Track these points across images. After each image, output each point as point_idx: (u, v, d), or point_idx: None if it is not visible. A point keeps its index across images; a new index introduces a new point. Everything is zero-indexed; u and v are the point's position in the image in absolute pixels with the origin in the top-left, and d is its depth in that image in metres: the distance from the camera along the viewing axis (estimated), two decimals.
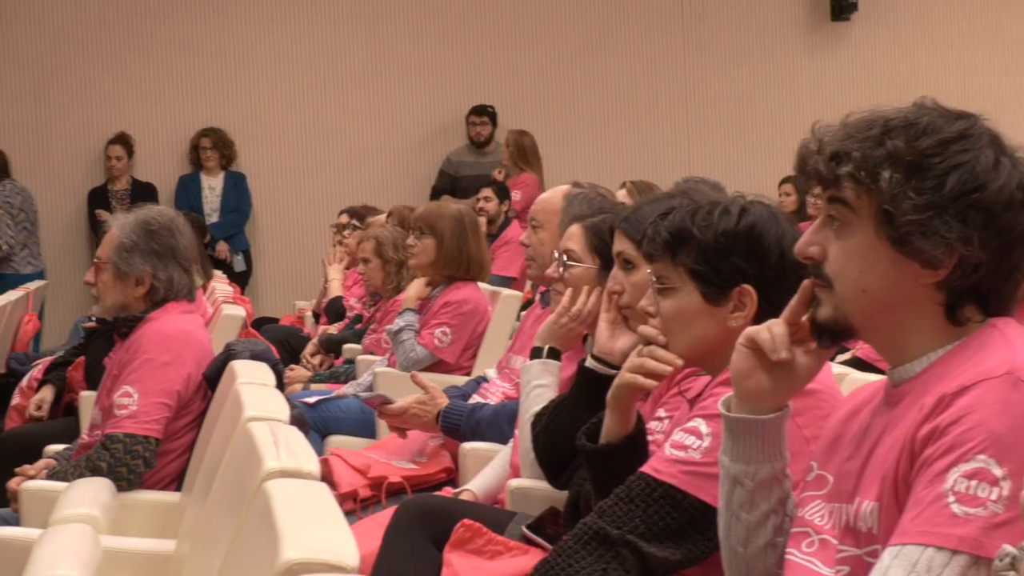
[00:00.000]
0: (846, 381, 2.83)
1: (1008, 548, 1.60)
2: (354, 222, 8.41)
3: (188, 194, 10.84)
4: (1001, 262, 1.97)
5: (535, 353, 3.51)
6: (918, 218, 1.93)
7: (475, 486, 3.85)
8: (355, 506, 4.14)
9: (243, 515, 2.30)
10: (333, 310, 8.04)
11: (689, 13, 11.54)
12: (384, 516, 3.50)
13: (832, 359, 4.50)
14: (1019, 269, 2.01)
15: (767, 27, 11.69)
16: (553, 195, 4.13)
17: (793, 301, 2.10)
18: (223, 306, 6.29)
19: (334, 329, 7.56)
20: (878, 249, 1.97)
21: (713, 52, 11.59)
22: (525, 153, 10.38)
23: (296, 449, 2.43)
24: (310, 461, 2.37)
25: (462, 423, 4.09)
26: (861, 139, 1.98)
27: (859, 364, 4.43)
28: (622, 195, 5.43)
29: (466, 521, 3.13)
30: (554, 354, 3.49)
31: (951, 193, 1.94)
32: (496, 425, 4.01)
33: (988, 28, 11.96)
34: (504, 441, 3.91)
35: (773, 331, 2.09)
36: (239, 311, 6.12)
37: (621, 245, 3.07)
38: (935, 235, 1.93)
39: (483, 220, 8.48)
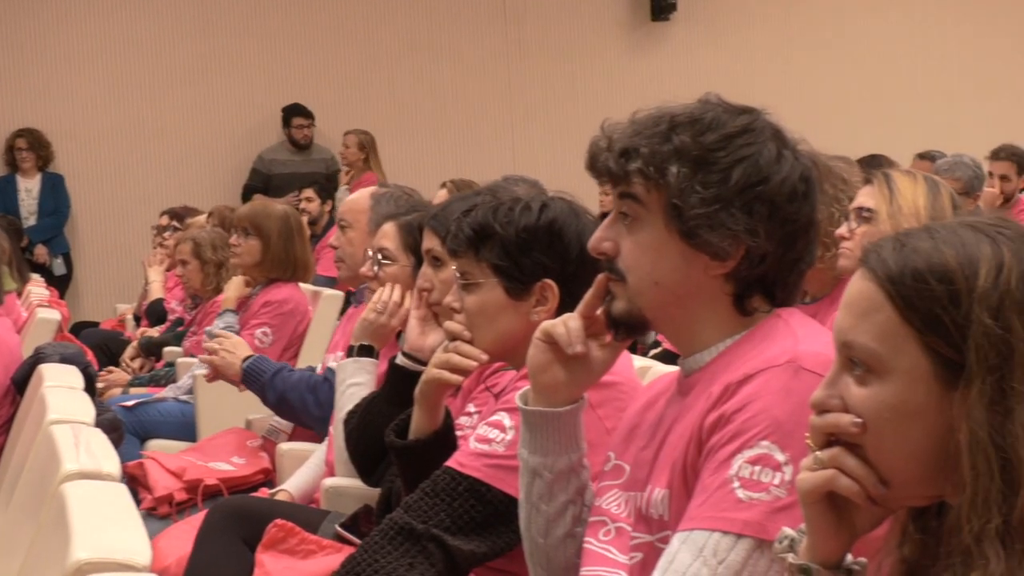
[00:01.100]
0: (649, 374, 2.88)
1: (787, 531, 1.66)
2: (174, 223, 8.31)
3: (4, 197, 10.57)
4: (786, 252, 2.03)
5: (351, 351, 3.51)
6: (705, 211, 1.97)
7: (291, 486, 3.84)
8: (171, 509, 4.10)
9: (41, 518, 2.27)
10: (154, 313, 7.93)
11: (511, 12, 11.61)
12: (199, 519, 3.47)
13: (645, 353, 4.59)
14: (803, 259, 2.08)
15: (589, 26, 11.82)
16: (360, 196, 4.16)
17: (588, 295, 2.13)
18: (37, 310, 6.16)
19: (155, 332, 7.45)
20: (668, 243, 2.01)
21: (536, 51, 11.68)
22: (369, 153, 10.43)
23: (97, 451, 2.40)
24: (110, 463, 2.35)
25: (265, 376, 4.05)
26: (648, 135, 2.01)
27: (669, 357, 4.50)
28: (442, 195, 5.47)
29: (278, 521, 3.12)
30: (371, 351, 3.50)
31: (736, 186, 1.98)
32: (299, 391, 3.99)
33: (803, 29, 12.26)
34: (304, 408, 3.91)
35: (568, 325, 2.12)
36: (54, 315, 5.99)
37: (429, 242, 3.09)
38: (722, 227, 1.98)
39: (305, 220, 8.43)
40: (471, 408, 2.90)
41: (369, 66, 11.31)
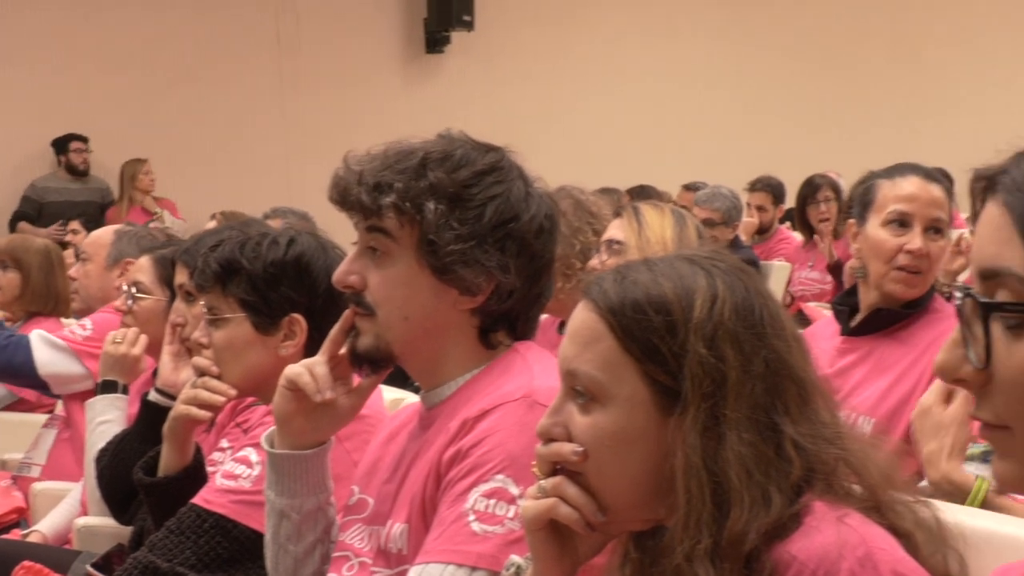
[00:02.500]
0: (404, 404, 2.88)
1: (515, 558, 1.69)
2: None
3: None
4: (531, 287, 2.07)
5: (97, 388, 3.44)
6: (461, 248, 1.99)
7: (44, 527, 3.74)
8: None
9: None
10: None
11: (285, 43, 11.55)
12: None
13: None
14: (544, 294, 2.12)
15: (364, 58, 11.83)
16: (105, 231, 4.15)
17: (333, 332, 2.11)
18: None
19: None
20: (419, 277, 2.02)
21: (311, 83, 11.63)
22: (125, 185, 10.29)
23: None
24: None
25: None
26: (400, 170, 2.02)
27: None
28: (212, 226, 5.40)
29: (25, 563, 3.04)
30: (115, 387, 3.43)
31: (490, 223, 2.01)
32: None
33: (576, 62, 12.47)
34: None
35: (315, 372, 2.09)
36: None
37: (181, 277, 3.06)
38: (476, 264, 2.00)
39: (70, 253, 8.24)
40: (224, 444, 2.87)
41: (144, 95, 11.09)
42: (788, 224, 8.89)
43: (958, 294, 1.05)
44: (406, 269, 2.03)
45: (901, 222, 2.95)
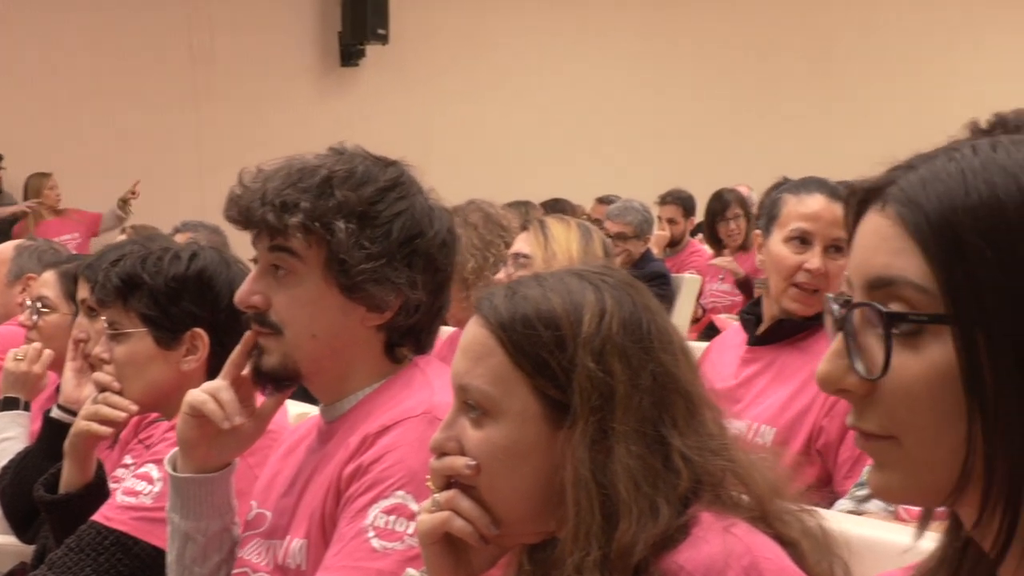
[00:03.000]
0: (309, 418, 2.88)
1: (411, 571, 1.70)
2: None
3: None
4: (435, 301, 2.08)
5: (3, 404, 3.41)
6: (371, 266, 1.99)
7: None
8: None
9: None
10: None
11: (199, 56, 11.49)
12: None
13: None
14: (445, 306, 2.13)
15: (278, 72, 11.79)
16: (6, 247, 4.10)
17: (233, 355, 2.09)
18: None
19: None
20: (328, 295, 2.01)
21: (225, 96, 11.57)
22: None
23: None
24: None
25: None
26: (305, 188, 2.00)
27: None
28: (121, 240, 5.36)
29: None
30: (17, 403, 3.40)
31: (398, 240, 2.01)
32: None
33: (492, 76, 12.50)
34: None
35: (221, 398, 2.06)
36: None
37: (84, 292, 3.04)
38: (386, 281, 2.00)
39: None
40: (127, 460, 2.85)
41: (55, 109, 10.98)
42: (700, 236, 8.97)
43: (835, 305, 1.06)
44: (313, 288, 2.01)
45: (802, 239, 2.97)
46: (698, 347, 3.39)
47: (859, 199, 1.07)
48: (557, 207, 9.26)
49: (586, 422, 1.53)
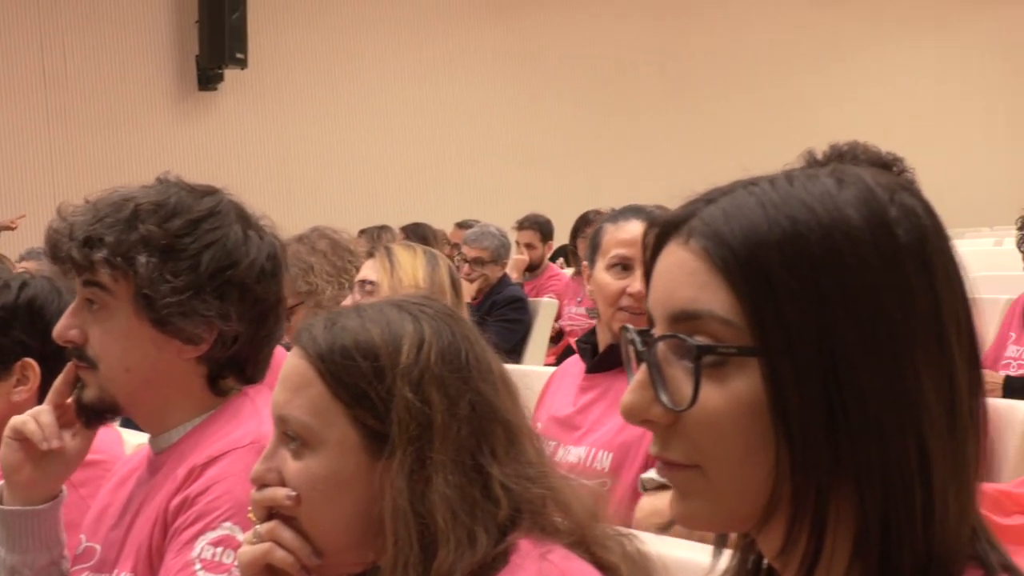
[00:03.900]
0: (140, 448, 2.85)
1: None
2: None
3: None
4: (257, 331, 2.06)
5: None
6: (177, 299, 1.97)
7: None
8: None
9: None
10: None
11: (51, 79, 11.30)
12: None
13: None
14: (272, 335, 2.12)
15: (134, 95, 11.65)
16: None
17: (57, 382, 2.09)
18: None
19: None
20: (139, 330, 2.00)
21: (79, 120, 11.40)
22: None
23: None
24: None
25: None
26: (111, 223, 1.99)
27: None
28: None
29: None
30: None
31: (207, 272, 1.99)
32: None
33: (352, 100, 12.47)
34: None
35: (41, 420, 2.07)
36: None
37: None
38: (195, 314, 1.99)
39: None
40: None
41: None
42: (560, 260, 9.03)
43: (637, 338, 1.07)
44: (125, 322, 2.00)
45: (623, 266, 3.03)
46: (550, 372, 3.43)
47: (658, 232, 1.09)
48: (418, 231, 9.27)
49: (404, 452, 1.54)
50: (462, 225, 9.01)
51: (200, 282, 1.99)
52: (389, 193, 11.92)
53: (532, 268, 8.09)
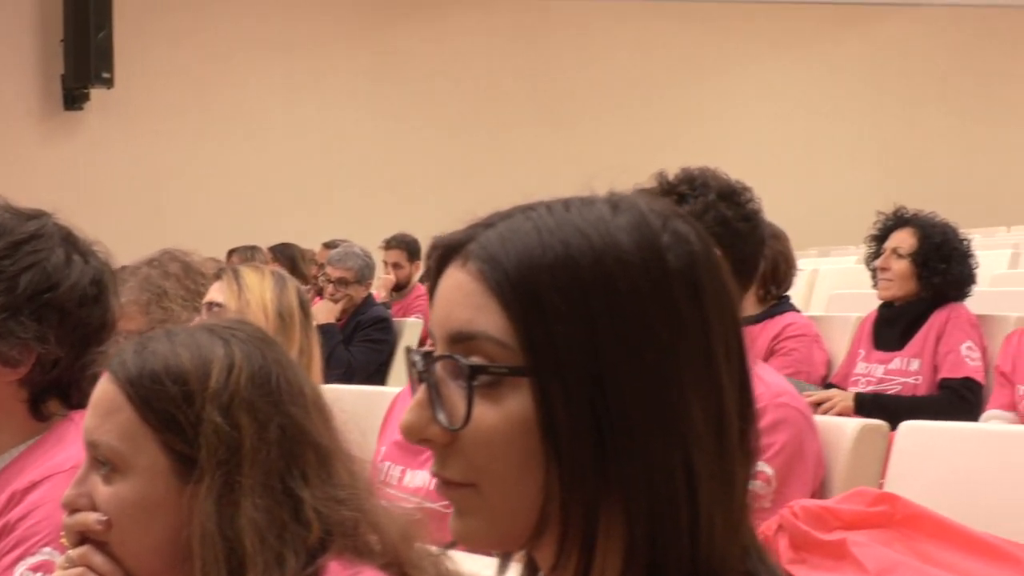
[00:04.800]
0: None
1: None
2: None
3: None
4: (79, 356, 2.04)
5: None
6: None
7: None
8: None
9: None
10: None
11: None
12: None
13: None
14: (97, 361, 2.10)
15: None
16: None
17: None
18: None
19: None
20: None
21: None
22: None
23: None
24: None
25: None
26: None
27: None
28: None
29: None
30: None
31: (24, 294, 1.98)
32: None
33: (221, 119, 12.38)
34: None
35: None
36: None
37: None
38: (12, 336, 1.97)
39: None
40: None
41: None
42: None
43: (417, 358, 1.09)
44: None
45: None
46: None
47: (439, 254, 1.11)
48: (286, 252, 9.22)
49: (213, 476, 1.54)
50: (329, 245, 8.98)
51: (17, 304, 1.98)
52: (259, 212, 11.85)
53: (399, 288, 8.08)
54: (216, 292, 3.44)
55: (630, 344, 1.02)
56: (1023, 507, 2.29)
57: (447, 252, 1.10)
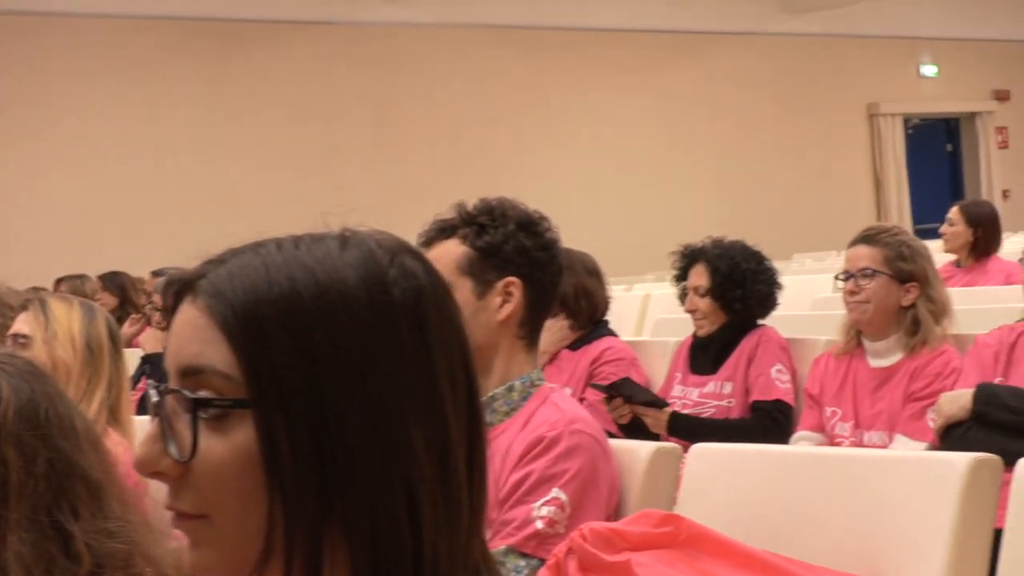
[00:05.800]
0: None
1: None
2: None
3: None
4: None
5: None
6: None
7: None
8: None
9: None
10: None
11: None
12: None
13: None
14: None
15: None
16: None
17: None
18: None
19: None
20: None
21: None
22: None
23: None
24: None
25: None
26: None
27: None
28: None
29: None
30: None
31: None
32: None
33: (48, 144, 12.18)
34: None
35: None
36: None
37: None
38: None
39: None
40: None
41: None
42: None
43: (152, 391, 1.11)
44: None
45: None
46: None
47: (175, 290, 1.14)
48: (116, 280, 9.10)
49: None
50: (157, 273, 8.88)
51: None
52: (89, 240, 11.66)
53: None
54: (22, 323, 3.40)
55: (352, 376, 1.06)
56: (800, 524, 2.37)
57: (181, 288, 1.13)
